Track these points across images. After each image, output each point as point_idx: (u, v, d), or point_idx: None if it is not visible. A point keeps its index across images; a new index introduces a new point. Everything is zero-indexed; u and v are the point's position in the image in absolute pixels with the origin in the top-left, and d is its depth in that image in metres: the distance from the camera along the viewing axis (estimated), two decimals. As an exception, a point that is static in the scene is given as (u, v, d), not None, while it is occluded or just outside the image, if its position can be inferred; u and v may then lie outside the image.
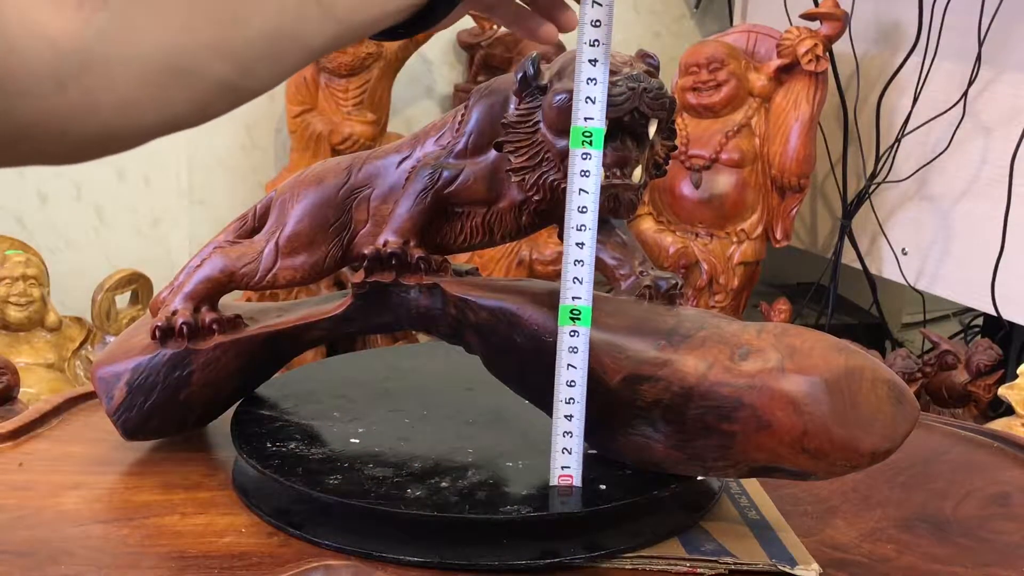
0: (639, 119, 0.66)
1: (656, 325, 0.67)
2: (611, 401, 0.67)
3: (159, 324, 0.76)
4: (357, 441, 0.74)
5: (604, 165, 0.66)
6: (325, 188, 0.76)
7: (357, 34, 0.54)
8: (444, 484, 0.68)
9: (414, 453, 0.72)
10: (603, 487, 0.67)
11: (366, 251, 0.73)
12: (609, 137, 0.66)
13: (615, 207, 0.67)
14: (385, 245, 0.72)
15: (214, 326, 0.76)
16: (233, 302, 0.84)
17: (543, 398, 0.72)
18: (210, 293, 0.77)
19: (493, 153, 0.71)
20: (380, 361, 0.92)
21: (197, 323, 0.75)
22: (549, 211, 0.71)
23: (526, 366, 0.70)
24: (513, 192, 0.71)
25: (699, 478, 0.70)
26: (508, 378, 0.73)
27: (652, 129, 0.67)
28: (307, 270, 0.76)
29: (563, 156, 0.67)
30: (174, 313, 0.76)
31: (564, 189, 0.68)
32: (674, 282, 0.70)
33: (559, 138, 0.67)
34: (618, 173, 0.66)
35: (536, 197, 0.69)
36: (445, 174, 0.72)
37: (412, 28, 0.57)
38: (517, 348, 0.70)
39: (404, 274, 0.73)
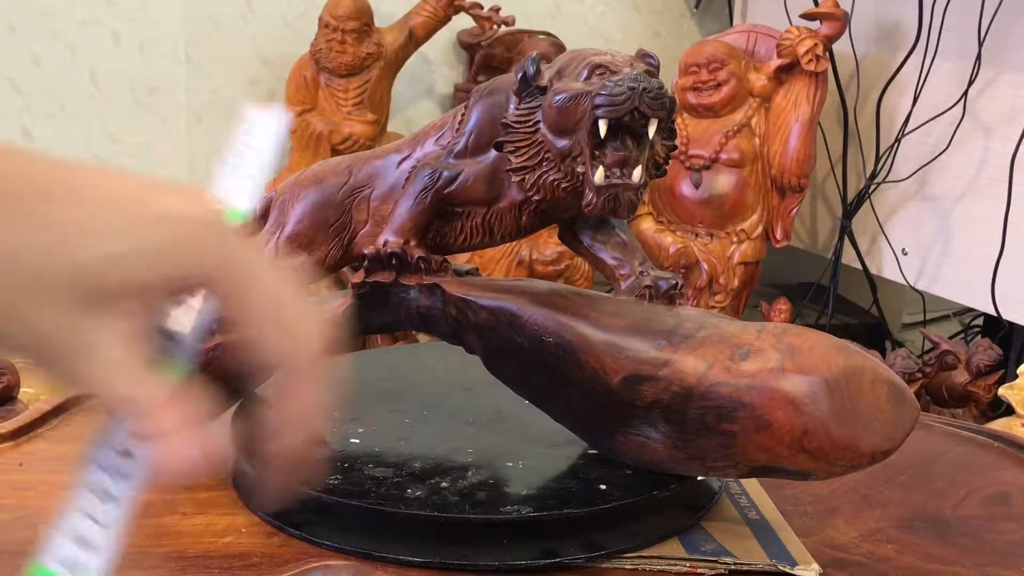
0: (639, 119, 0.66)
1: (656, 325, 0.67)
2: (611, 401, 0.67)
3: (159, 324, 0.76)
4: (357, 441, 0.74)
5: (604, 165, 0.66)
6: (325, 188, 0.76)
7: None
8: (444, 484, 0.67)
9: (414, 453, 0.72)
10: (603, 487, 0.67)
11: (366, 251, 0.73)
12: (609, 137, 0.66)
13: (615, 207, 0.67)
14: (385, 245, 0.73)
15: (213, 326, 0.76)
16: None
17: (543, 398, 0.72)
18: (210, 293, 0.77)
19: (493, 153, 0.71)
20: (380, 361, 0.92)
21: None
22: (549, 211, 0.71)
23: (526, 366, 0.70)
24: (513, 192, 0.71)
25: (699, 478, 0.70)
26: (508, 378, 0.73)
27: (652, 129, 0.67)
28: (307, 270, 0.76)
29: (563, 156, 0.67)
30: (174, 313, 0.76)
31: (564, 189, 0.68)
32: (674, 282, 0.70)
33: (559, 138, 0.67)
34: (618, 173, 0.66)
35: (536, 197, 0.69)
36: (445, 174, 0.72)
37: None
38: (517, 348, 0.70)
39: (404, 274, 0.73)
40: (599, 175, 0.66)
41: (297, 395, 0.38)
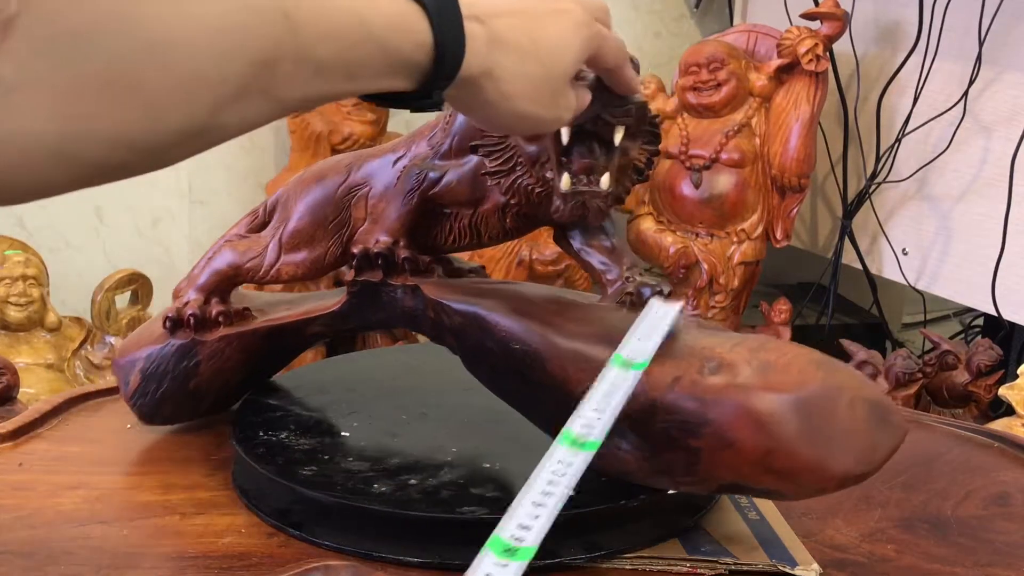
0: (603, 126, 0.65)
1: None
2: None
3: (169, 315, 0.78)
4: (347, 434, 0.74)
5: (570, 172, 0.65)
6: (326, 186, 0.76)
7: (306, 109, 0.50)
8: (445, 484, 0.67)
9: (415, 453, 0.72)
10: (603, 487, 0.67)
11: (355, 250, 0.73)
12: (576, 143, 0.65)
13: (583, 214, 0.66)
14: (375, 244, 0.73)
15: (220, 318, 0.77)
16: (250, 292, 0.86)
17: (515, 401, 0.71)
18: (219, 286, 0.78)
19: (475, 156, 0.70)
20: (381, 361, 0.92)
21: (204, 315, 0.77)
22: (531, 214, 0.70)
23: (498, 371, 0.70)
24: (496, 195, 0.70)
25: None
26: (485, 381, 0.73)
27: (618, 137, 0.65)
28: (308, 266, 0.76)
29: (534, 161, 0.66)
30: (185, 304, 0.78)
31: (539, 193, 0.67)
32: (658, 289, 0.67)
33: (529, 143, 0.66)
34: (584, 180, 0.65)
35: (513, 201, 0.69)
36: (431, 175, 0.72)
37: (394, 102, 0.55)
38: (488, 352, 0.69)
39: (391, 274, 0.73)
40: (565, 181, 0.65)
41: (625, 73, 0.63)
